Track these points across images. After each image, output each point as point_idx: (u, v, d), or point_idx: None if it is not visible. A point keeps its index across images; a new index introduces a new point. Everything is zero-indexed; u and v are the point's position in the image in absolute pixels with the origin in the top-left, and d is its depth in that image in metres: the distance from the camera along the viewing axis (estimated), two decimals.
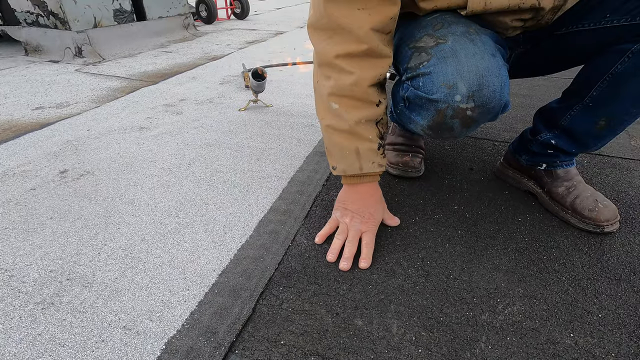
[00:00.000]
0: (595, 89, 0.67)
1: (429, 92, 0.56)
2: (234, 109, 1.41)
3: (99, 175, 0.96)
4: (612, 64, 0.64)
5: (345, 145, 0.66)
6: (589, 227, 0.75)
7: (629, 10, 0.59)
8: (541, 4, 0.58)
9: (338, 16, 0.58)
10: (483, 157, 1.06)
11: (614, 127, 0.70)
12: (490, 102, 0.54)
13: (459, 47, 0.54)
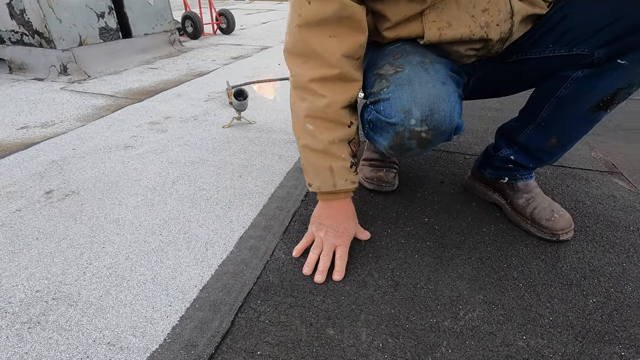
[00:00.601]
0: (545, 110, 0.74)
1: (388, 116, 0.62)
2: (218, 126, 1.45)
3: (84, 195, 0.99)
4: (557, 88, 0.71)
5: (320, 164, 0.71)
6: (546, 236, 0.81)
7: (567, 42, 0.66)
8: (489, 35, 0.65)
9: (312, 43, 0.63)
10: (454, 170, 1.12)
11: (563, 143, 0.77)
12: (441, 125, 0.60)
13: (414, 76, 0.60)
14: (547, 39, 0.68)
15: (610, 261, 0.76)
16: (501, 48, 0.69)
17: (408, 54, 0.65)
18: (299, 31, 0.64)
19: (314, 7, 0.61)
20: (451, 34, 0.65)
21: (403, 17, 0.65)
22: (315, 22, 0.62)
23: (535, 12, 0.67)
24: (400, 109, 0.60)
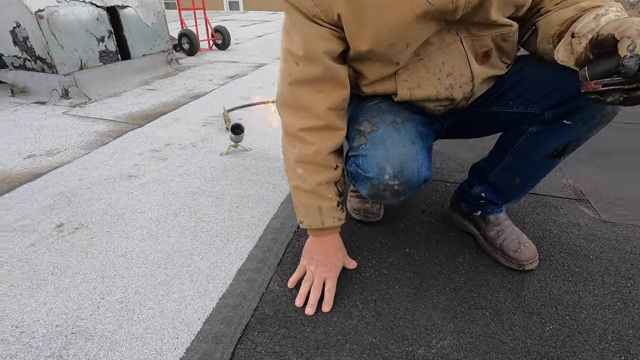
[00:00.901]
0: (508, 156, 0.84)
1: (366, 171, 0.71)
2: (215, 154, 1.54)
3: (93, 228, 1.06)
4: (517, 139, 0.81)
5: (310, 204, 0.80)
6: (513, 266, 0.90)
7: (523, 102, 0.76)
8: (453, 95, 0.75)
9: (301, 98, 0.73)
10: (435, 199, 1.21)
11: (526, 184, 0.87)
12: (410, 180, 0.69)
13: (387, 136, 0.70)
14: (507, 97, 0.78)
15: (568, 289, 0.85)
16: (466, 104, 0.79)
17: (383, 113, 0.74)
18: (289, 87, 0.73)
19: (302, 68, 0.70)
20: (420, 93, 0.75)
21: (379, 76, 0.75)
22: (303, 81, 0.71)
23: (495, 73, 0.77)
24: (376, 165, 0.69)
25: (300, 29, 0.68)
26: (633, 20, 0.51)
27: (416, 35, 0.67)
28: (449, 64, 0.72)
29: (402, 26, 0.64)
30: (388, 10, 0.62)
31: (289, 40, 0.71)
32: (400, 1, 0.61)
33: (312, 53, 0.68)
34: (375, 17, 0.63)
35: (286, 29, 0.72)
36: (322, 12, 0.65)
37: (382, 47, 0.67)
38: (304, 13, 0.66)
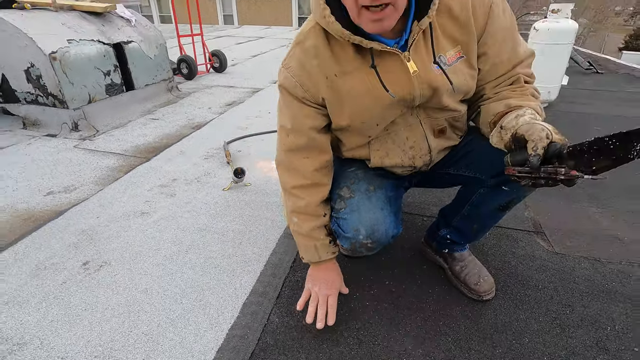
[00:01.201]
0: (465, 209, 1.02)
1: (345, 232, 0.89)
2: (218, 189, 1.70)
3: (115, 266, 1.22)
4: (470, 196, 0.99)
5: (307, 244, 0.96)
6: (474, 297, 1.08)
7: (473, 169, 0.95)
8: (415, 164, 0.93)
9: (292, 162, 0.90)
10: (412, 233, 1.39)
11: (482, 229, 1.06)
12: (380, 239, 0.87)
13: (361, 204, 0.87)
14: (460, 164, 0.96)
15: (517, 317, 1.03)
16: (427, 168, 0.97)
17: (359, 181, 0.92)
18: (284, 153, 0.91)
19: (291, 139, 0.88)
20: (389, 161, 0.93)
21: (355, 145, 0.93)
22: (294, 149, 0.89)
23: (450, 144, 0.95)
24: (353, 228, 0.87)
25: (292, 109, 0.86)
26: (537, 127, 0.69)
27: (384, 117, 0.85)
28: (412, 139, 0.90)
29: (372, 111, 0.82)
30: (361, 100, 0.81)
31: (282, 117, 0.89)
32: (370, 93, 0.79)
33: (299, 128, 0.86)
34: (351, 103, 0.81)
35: (280, 108, 0.90)
36: (311, 96, 0.83)
37: (356, 124, 0.85)
38: (296, 97, 0.84)
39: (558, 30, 2.68)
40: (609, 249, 1.32)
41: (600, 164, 0.64)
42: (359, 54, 0.78)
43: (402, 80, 0.78)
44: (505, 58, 0.84)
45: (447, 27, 0.78)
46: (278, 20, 12.76)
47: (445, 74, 0.79)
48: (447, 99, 0.84)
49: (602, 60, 5.28)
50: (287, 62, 0.84)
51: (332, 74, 0.79)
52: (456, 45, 0.80)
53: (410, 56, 0.76)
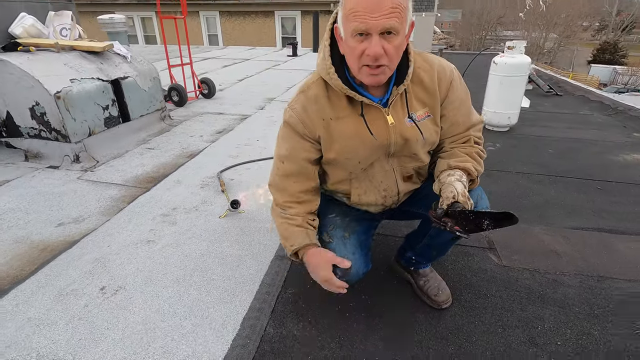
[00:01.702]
0: (425, 239, 1.26)
1: None
2: (215, 217, 1.91)
3: (130, 290, 1.41)
4: (428, 229, 1.23)
5: (299, 231, 1.08)
6: (434, 306, 1.32)
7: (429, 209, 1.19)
8: (386, 203, 1.17)
9: (283, 184, 1.12)
10: (386, 252, 1.62)
11: (440, 253, 1.31)
12: (353, 278, 1.09)
13: (337, 249, 1.09)
14: (419, 203, 1.21)
15: (468, 321, 1.27)
16: (395, 206, 1.22)
17: (337, 228, 1.15)
18: (278, 177, 1.13)
19: (285, 166, 1.10)
20: (365, 199, 1.17)
21: (338, 179, 1.16)
22: (287, 174, 1.11)
23: (414, 188, 1.20)
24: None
25: (291, 141, 1.08)
26: (449, 188, 0.96)
27: (365, 157, 1.08)
28: (385, 183, 1.15)
29: (357, 150, 1.05)
30: (350, 140, 1.04)
31: (280, 148, 1.11)
32: (358, 135, 1.03)
33: (294, 157, 1.09)
34: (341, 142, 1.05)
35: (281, 137, 1.11)
36: (309, 133, 1.06)
37: (341, 159, 1.08)
38: (297, 132, 1.07)
39: (514, 64, 3.03)
40: (547, 261, 1.58)
41: (469, 226, 0.92)
42: (351, 105, 1.02)
43: (382, 129, 1.03)
44: (461, 121, 1.11)
45: (418, 93, 1.05)
46: (262, 40, 13.13)
47: (417, 126, 1.04)
48: (417, 148, 1.08)
49: (562, 82, 5.76)
50: (292, 105, 1.07)
51: (328, 118, 1.03)
52: (425, 106, 1.06)
53: (390, 112, 1.03)
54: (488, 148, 2.96)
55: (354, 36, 0.86)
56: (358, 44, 0.87)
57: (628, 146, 3.01)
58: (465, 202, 0.94)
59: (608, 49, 35.05)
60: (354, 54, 0.89)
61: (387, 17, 0.82)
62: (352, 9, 0.84)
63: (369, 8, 0.82)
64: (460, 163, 1.05)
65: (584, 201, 2.10)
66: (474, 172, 1.05)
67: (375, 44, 0.85)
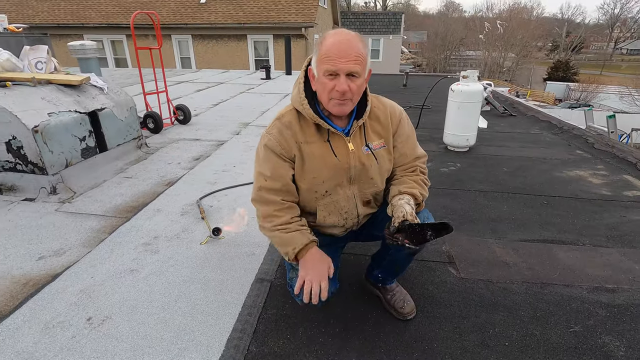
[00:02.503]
0: (387, 258, 1.43)
1: (296, 296, 1.23)
2: (196, 243, 2.00)
3: (116, 319, 1.48)
4: (388, 250, 1.40)
5: (295, 235, 1.21)
6: (400, 317, 1.48)
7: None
8: (346, 225, 1.34)
9: (267, 197, 1.24)
10: (358, 270, 1.78)
11: (402, 269, 1.48)
12: (322, 299, 1.23)
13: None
14: (378, 226, 1.37)
15: (430, 329, 1.44)
16: (357, 228, 1.39)
17: None
18: (261, 193, 1.25)
19: (269, 183, 1.23)
20: (329, 220, 1.33)
21: (307, 199, 1.30)
22: (270, 190, 1.24)
23: (372, 211, 1.37)
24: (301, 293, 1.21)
25: (272, 162, 1.22)
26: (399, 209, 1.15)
27: (329, 177, 1.24)
28: (346, 207, 1.31)
29: (322, 171, 1.22)
30: (317, 161, 1.21)
31: (263, 167, 1.23)
32: (323, 158, 1.20)
33: (277, 176, 1.23)
34: (309, 163, 1.21)
35: (262, 160, 1.24)
36: (286, 153, 1.21)
37: (309, 178, 1.23)
38: (275, 153, 1.21)
39: (469, 92, 3.35)
40: (499, 271, 1.79)
41: (416, 239, 1.11)
42: (318, 132, 1.22)
43: (344, 153, 1.23)
44: (408, 152, 1.32)
45: (375, 127, 1.27)
46: (235, 63, 13.34)
47: (373, 153, 1.25)
48: (373, 173, 1.27)
49: (516, 103, 6.28)
50: (270, 130, 1.24)
51: (300, 141, 1.21)
52: (380, 138, 1.27)
53: (350, 140, 1.23)
54: (450, 167, 3.22)
55: (326, 75, 1.09)
56: (329, 81, 1.09)
57: (571, 163, 3.37)
58: (413, 220, 1.12)
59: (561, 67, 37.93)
60: (325, 89, 1.11)
61: (352, 63, 1.06)
62: (325, 54, 1.07)
63: (339, 55, 1.05)
64: (408, 189, 1.25)
65: (532, 215, 2.36)
66: (419, 197, 1.25)
67: (343, 82, 1.07)
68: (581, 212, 2.41)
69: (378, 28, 20.56)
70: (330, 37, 1.08)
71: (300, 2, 12.67)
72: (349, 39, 1.07)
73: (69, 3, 13.76)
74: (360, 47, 1.08)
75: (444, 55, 43.48)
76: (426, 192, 1.30)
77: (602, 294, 1.64)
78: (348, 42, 1.06)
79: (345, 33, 1.09)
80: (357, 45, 1.07)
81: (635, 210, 2.43)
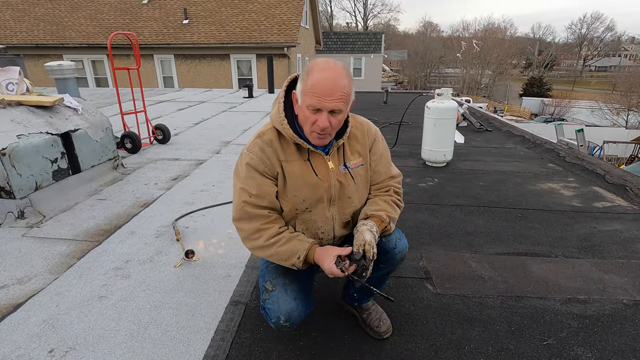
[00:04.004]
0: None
1: (270, 318, 1.22)
2: (170, 266, 1.95)
3: (81, 350, 1.41)
4: None
5: (294, 244, 1.19)
6: (376, 336, 1.46)
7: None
8: (322, 244, 1.32)
9: (253, 213, 1.21)
10: (335, 289, 1.75)
11: (378, 288, 1.44)
12: (296, 321, 1.21)
13: (280, 296, 1.21)
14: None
15: (406, 347, 1.42)
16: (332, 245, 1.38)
17: (279, 276, 1.27)
18: (246, 210, 1.21)
19: (254, 200, 1.20)
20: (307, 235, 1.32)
21: (288, 215, 1.28)
22: (255, 207, 1.21)
23: (348, 233, 1.37)
24: (275, 316, 1.20)
25: (256, 180, 1.20)
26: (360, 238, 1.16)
27: (308, 195, 1.23)
28: (323, 227, 1.31)
29: (302, 189, 1.22)
30: (297, 179, 1.21)
31: (244, 184, 1.21)
32: (304, 176, 1.20)
33: (263, 194, 1.21)
34: (290, 181, 1.21)
35: (242, 176, 1.21)
36: (270, 170, 1.20)
37: (290, 196, 1.22)
38: (258, 171, 1.20)
39: (444, 109, 3.44)
40: (474, 286, 1.80)
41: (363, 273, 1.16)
42: (298, 151, 1.22)
43: (324, 171, 1.23)
44: (382, 171, 1.34)
45: (354, 146, 1.29)
46: (218, 82, 13.39)
47: (350, 172, 1.26)
48: (351, 191, 1.28)
49: (491, 118, 6.49)
50: (251, 148, 1.22)
51: (281, 159, 1.21)
52: (360, 156, 1.30)
53: (330, 159, 1.24)
54: (427, 183, 3.27)
55: (310, 109, 1.10)
56: (312, 114, 1.11)
57: (543, 176, 3.47)
58: (369, 251, 1.15)
59: (535, 83, 39.65)
60: (307, 121, 1.13)
61: (336, 101, 1.08)
62: (312, 89, 1.08)
63: (324, 92, 1.07)
64: (375, 212, 1.26)
65: (506, 228, 2.40)
66: (385, 220, 1.25)
67: (324, 119, 1.09)
68: (554, 224, 2.47)
69: (360, 47, 21.11)
70: (318, 72, 1.08)
71: (282, 23, 12.93)
72: (335, 77, 1.07)
73: (48, 23, 13.65)
74: (346, 84, 1.09)
75: (424, 73, 44.87)
76: (396, 213, 1.31)
77: (574, 305, 1.66)
78: (334, 80, 1.07)
79: (333, 69, 1.09)
80: (342, 82, 1.08)
81: (605, 221, 2.51)
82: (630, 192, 2.88)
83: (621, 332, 1.50)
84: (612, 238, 2.27)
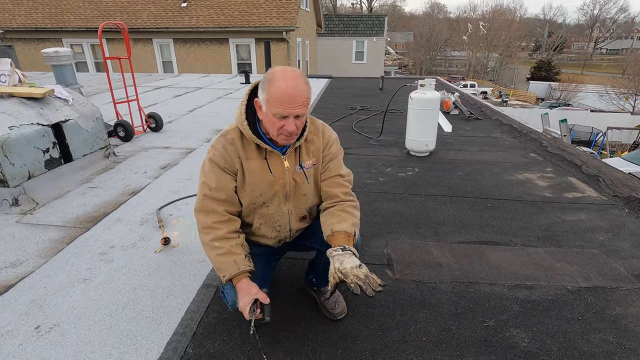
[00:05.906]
0: (320, 265, 1.55)
1: (227, 301, 1.36)
2: (151, 252, 2.10)
3: (64, 327, 1.57)
4: (321, 257, 1.52)
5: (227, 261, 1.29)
6: (332, 317, 1.60)
7: (317, 243, 1.47)
8: (279, 237, 1.45)
9: (211, 207, 1.33)
10: (299, 273, 1.89)
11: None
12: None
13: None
14: (311, 238, 1.50)
15: (357, 327, 1.56)
16: (290, 240, 1.50)
17: None
18: (208, 201, 1.34)
19: (214, 193, 1.33)
20: (263, 230, 1.44)
21: (247, 211, 1.41)
22: (214, 200, 1.34)
23: (305, 226, 1.49)
24: (232, 299, 1.33)
25: (217, 175, 1.33)
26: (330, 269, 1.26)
27: (265, 191, 1.36)
28: (279, 221, 1.43)
29: (259, 185, 1.34)
30: (255, 176, 1.34)
31: (208, 179, 1.33)
32: (261, 173, 1.33)
33: (222, 188, 1.33)
34: (249, 177, 1.34)
35: (206, 173, 1.34)
36: (230, 167, 1.33)
37: (248, 191, 1.35)
38: (219, 166, 1.32)
39: (426, 99, 3.50)
40: (431, 272, 1.93)
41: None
42: (257, 150, 1.34)
43: (279, 170, 1.36)
44: (332, 168, 1.46)
45: (310, 148, 1.40)
46: (218, 67, 13.35)
47: (304, 172, 1.38)
48: (306, 189, 1.40)
49: (484, 107, 6.49)
50: (215, 145, 1.36)
51: (241, 157, 1.34)
52: (313, 158, 1.41)
53: (286, 158, 1.36)
54: (407, 172, 3.37)
55: (277, 117, 1.21)
56: (278, 120, 1.22)
57: (523, 166, 3.55)
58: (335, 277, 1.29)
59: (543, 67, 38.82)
60: (274, 127, 1.24)
61: (299, 107, 1.21)
62: (276, 98, 1.18)
63: (289, 101, 1.18)
64: (343, 228, 1.34)
65: (474, 218, 2.51)
66: (351, 231, 1.35)
67: (291, 124, 1.22)
68: (520, 214, 2.57)
69: (362, 30, 20.77)
70: (280, 82, 1.18)
71: (281, 6, 12.76)
72: (297, 85, 1.19)
73: (47, 7, 13.59)
74: (306, 90, 1.22)
75: (430, 56, 44.09)
76: (357, 217, 1.42)
77: (520, 291, 1.79)
78: (296, 88, 1.18)
79: (293, 78, 1.19)
80: (303, 89, 1.20)
81: (571, 212, 2.61)
82: (602, 182, 2.97)
83: (558, 315, 1.63)
84: (573, 228, 2.38)
